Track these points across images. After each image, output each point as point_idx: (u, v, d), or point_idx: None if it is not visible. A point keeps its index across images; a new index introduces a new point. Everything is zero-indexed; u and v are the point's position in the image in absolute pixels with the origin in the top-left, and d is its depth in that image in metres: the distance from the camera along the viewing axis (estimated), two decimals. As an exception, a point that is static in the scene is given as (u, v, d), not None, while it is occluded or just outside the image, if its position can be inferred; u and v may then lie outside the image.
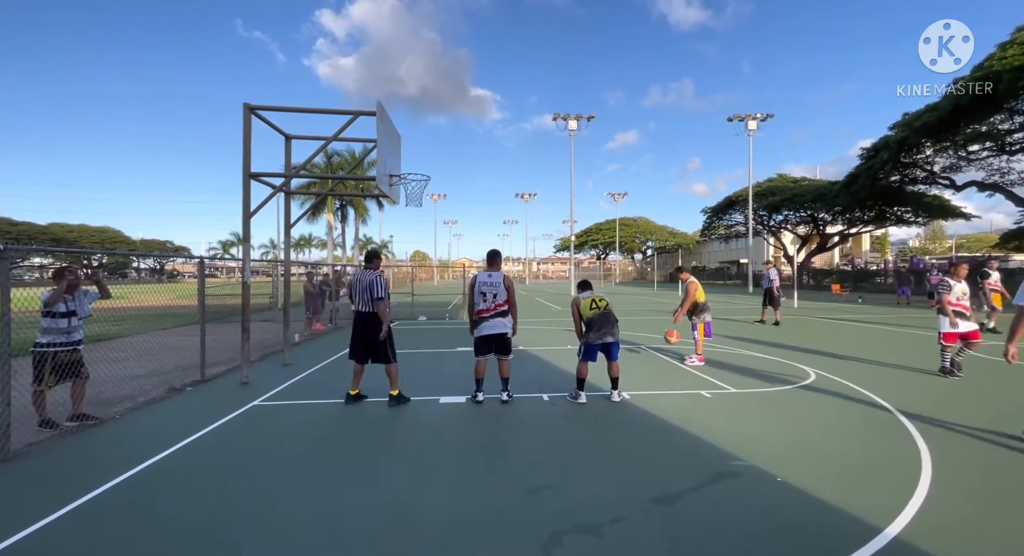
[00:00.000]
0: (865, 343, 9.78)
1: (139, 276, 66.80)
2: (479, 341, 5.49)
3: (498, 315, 5.42)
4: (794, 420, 4.82)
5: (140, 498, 3.24)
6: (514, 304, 5.57)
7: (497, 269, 5.58)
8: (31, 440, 4.27)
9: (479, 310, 5.44)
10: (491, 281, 5.44)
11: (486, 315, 5.42)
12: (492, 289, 5.42)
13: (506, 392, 5.51)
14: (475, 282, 5.51)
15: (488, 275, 5.49)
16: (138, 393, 5.93)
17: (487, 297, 5.42)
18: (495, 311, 5.41)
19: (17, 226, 60.62)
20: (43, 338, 4.60)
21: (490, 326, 5.40)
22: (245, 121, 6.75)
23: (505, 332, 5.44)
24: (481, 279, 5.48)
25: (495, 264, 5.62)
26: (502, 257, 5.82)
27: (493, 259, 5.67)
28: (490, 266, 5.63)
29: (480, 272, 5.64)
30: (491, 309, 5.42)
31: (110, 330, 7.07)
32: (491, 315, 5.42)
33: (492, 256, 5.68)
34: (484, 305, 5.42)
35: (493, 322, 5.41)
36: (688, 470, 3.61)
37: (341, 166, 31.69)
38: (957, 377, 6.54)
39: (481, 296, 5.43)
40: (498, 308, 5.40)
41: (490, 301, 5.41)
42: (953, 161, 27.59)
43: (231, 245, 62.20)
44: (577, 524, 2.84)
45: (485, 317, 5.43)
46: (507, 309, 5.44)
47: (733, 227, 51.91)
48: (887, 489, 3.26)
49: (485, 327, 5.42)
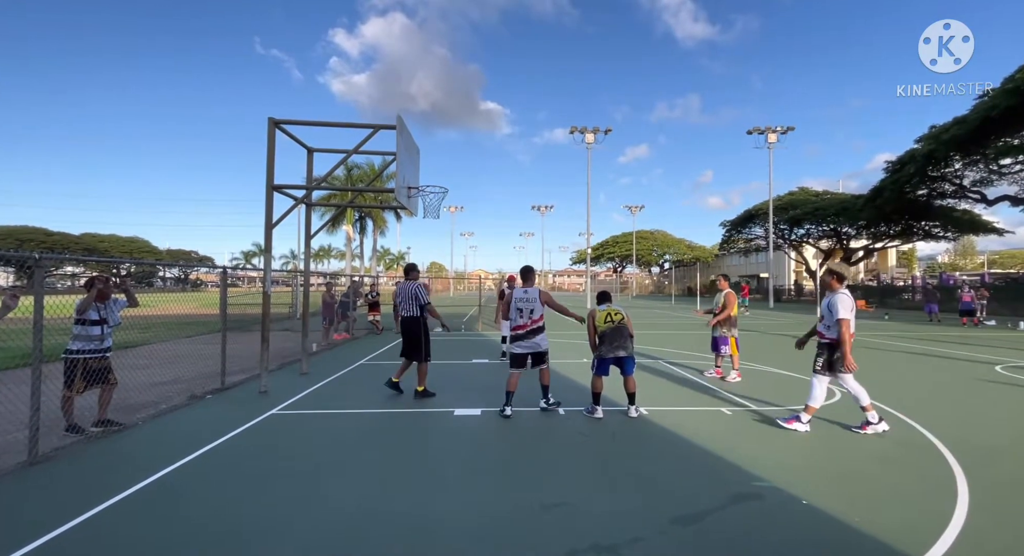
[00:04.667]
0: (892, 361, 9.46)
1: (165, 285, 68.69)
2: (515, 357, 5.57)
3: (535, 331, 5.51)
4: (819, 440, 4.66)
5: (160, 504, 3.28)
6: (561, 308, 5.81)
7: (531, 285, 5.72)
8: (58, 444, 4.37)
9: (515, 326, 5.55)
10: (527, 297, 5.56)
11: (522, 331, 5.52)
12: (528, 305, 5.52)
13: (545, 399, 5.60)
14: (511, 298, 5.63)
15: (524, 291, 5.61)
16: (161, 400, 6.04)
17: (523, 313, 5.52)
18: (531, 327, 5.51)
19: (52, 236, 63.15)
20: (74, 344, 4.74)
21: (528, 345, 5.50)
22: (269, 135, 6.94)
23: (539, 351, 5.53)
24: (517, 295, 5.59)
25: (529, 280, 5.77)
26: (535, 273, 5.97)
27: (527, 275, 5.82)
28: (525, 282, 5.77)
29: (517, 288, 5.74)
30: (527, 325, 5.52)
31: (136, 338, 7.26)
32: (527, 331, 5.51)
33: (526, 272, 5.84)
34: (521, 321, 5.52)
35: (530, 341, 5.50)
36: (709, 490, 3.51)
37: (361, 179, 32.32)
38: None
39: (518, 312, 5.54)
40: (534, 324, 5.51)
41: (526, 317, 5.51)
42: (984, 174, 26.80)
43: (253, 255, 63.71)
44: (594, 543, 2.77)
45: (521, 335, 5.52)
46: (543, 326, 5.55)
47: (753, 241, 51.07)
48: (921, 514, 3.11)
49: (523, 345, 5.51)
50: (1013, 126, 21.74)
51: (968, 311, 18.35)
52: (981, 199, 28.18)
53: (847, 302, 4.76)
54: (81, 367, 4.68)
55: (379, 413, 5.64)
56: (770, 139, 34.02)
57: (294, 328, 12.93)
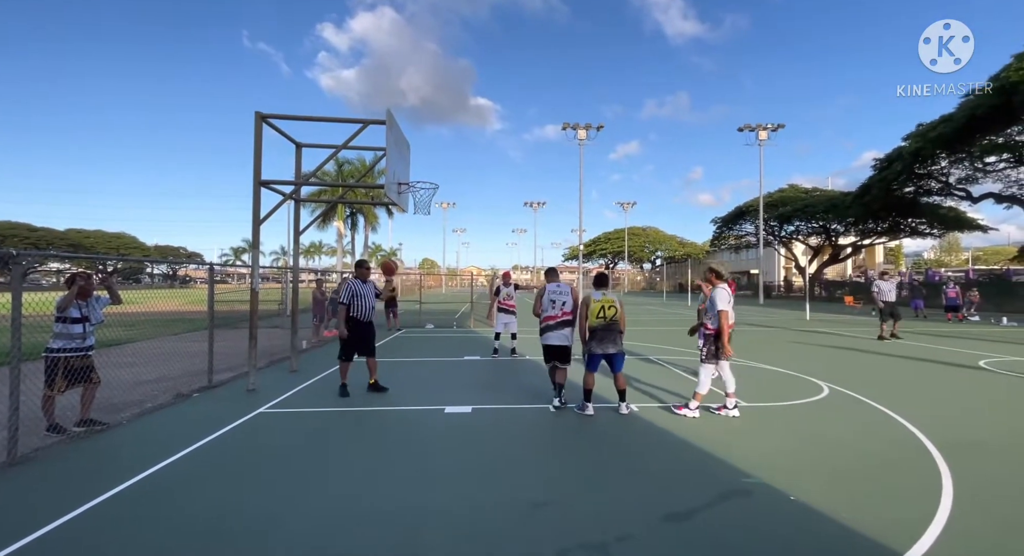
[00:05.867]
0: (879, 357, 9.57)
1: (152, 281, 67.79)
2: (547, 349, 5.76)
3: (564, 324, 5.65)
4: (807, 437, 4.70)
5: (145, 505, 3.22)
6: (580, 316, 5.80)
7: (559, 281, 5.94)
8: (39, 445, 4.28)
9: (546, 316, 5.71)
10: (560, 290, 5.76)
11: (552, 322, 5.66)
12: (561, 297, 5.70)
13: (558, 398, 5.68)
14: (544, 290, 5.86)
15: (557, 285, 5.83)
16: (146, 399, 5.95)
17: (556, 304, 5.68)
18: (561, 319, 5.64)
19: (36, 231, 62.00)
20: (55, 343, 4.63)
21: (556, 336, 5.65)
22: (256, 129, 6.83)
23: (568, 345, 5.67)
24: (551, 288, 5.80)
25: (556, 277, 6.02)
26: (558, 271, 6.25)
27: (552, 274, 6.10)
28: (554, 280, 5.97)
29: (549, 284, 5.93)
30: (558, 316, 5.65)
31: (121, 335, 7.12)
32: (557, 323, 5.64)
33: (550, 272, 6.16)
34: (552, 312, 5.68)
35: (559, 333, 5.65)
36: (698, 487, 3.52)
37: (351, 174, 32.05)
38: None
39: (551, 303, 5.71)
40: (564, 316, 5.65)
41: (558, 308, 5.66)
42: (969, 172, 27.22)
43: (242, 251, 62.98)
44: (583, 540, 2.77)
45: (552, 325, 5.66)
46: (572, 319, 5.66)
47: (743, 237, 51.49)
48: (907, 510, 3.14)
49: (552, 336, 5.67)
50: (998, 125, 22.07)
51: (953, 307, 18.64)
52: (966, 196, 28.64)
53: (724, 296, 5.34)
54: (63, 366, 4.58)
55: (369, 411, 5.60)
56: (761, 136, 34.23)
57: (283, 325, 12.81)
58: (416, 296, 20.57)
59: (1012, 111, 20.36)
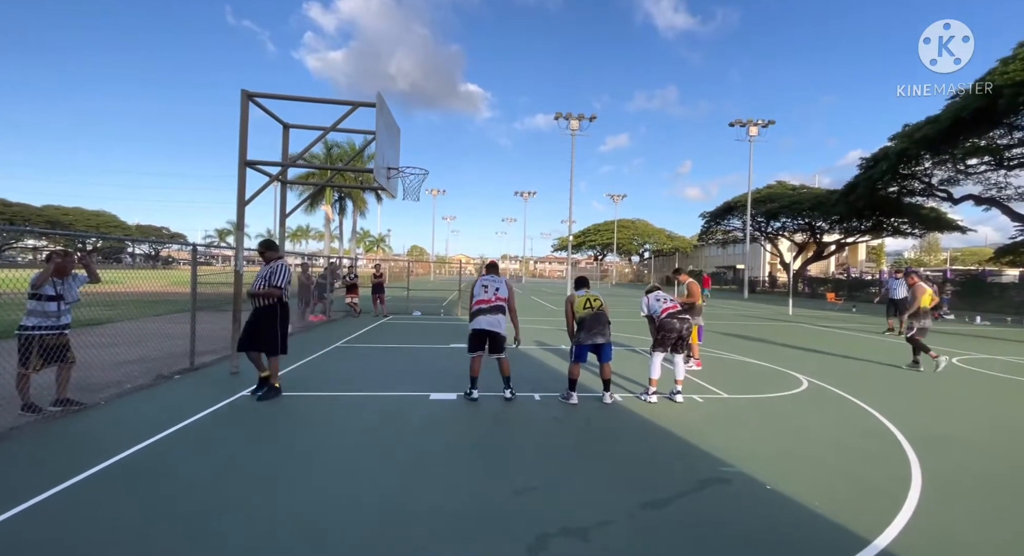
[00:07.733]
0: (858, 352, 9.80)
1: (133, 261, 66.36)
2: (473, 335, 5.47)
3: (496, 310, 5.44)
4: (785, 428, 4.81)
5: (120, 487, 3.18)
6: (514, 309, 5.72)
7: (498, 275, 5.85)
8: (12, 424, 4.19)
9: (478, 300, 5.49)
10: (493, 278, 5.69)
11: (484, 306, 5.43)
12: (495, 283, 5.60)
13: (509, 389, 5.54)
14: (477, 280, 5.77)
15: (491, 277, 5.73)
16: (125, 379, 5.85)
17: (488, 289, 5.53)
18: (494, 303, 5.44)
19: (11, 207, 60.06)
20: (29, 320, 4.52)
21: (486, 322, 5.39)
22: (243, 107, 6.67)
23: (499, 331, 5.42)
24: (483, 278, 5.72)
25: (495, 271, 5.92)
26: (499, 268, 6.23)
27: (493, 268, 6.01)
28: (492, 273, 5.86)
29: (483, 276, 5.84)
30: (491, 301, 5.46)
31: (102, 315, 6.97)
32: (489, 307, 5.43)
33: (491, 266, 6.08)
34: (484, 296, 5.49)
35: (490, 318, 5.40)
36: (678, 475, 3.59)
37: (341, 158, 31.55)
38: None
39: (483, 288, 5.55)
40: (498, 300, 5.47)
41: (491, 293, 5.51)
42: (951, 174, 27.69)
43: (227, 233, 61.80)
44: (563, 527, 2.81)
45: (484, 309, 5.43)
46: (505, 306, 5.52)
47: (731, 232, 51.99)
48: (877, 499, 3.24)
49: (482, 321, 5.40)
50: (981, 128, 22.44)
51: (931, 306, 19.07)
52: (947, 197, 29.18)
53: (652, 299, 6.03)
54: (37, 344, 4.47)
55: (353, 396, 5.58)
56: (751, 132, 34.38)
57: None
58: (404, 282, 20.47)
59: (995, 115, 20.73)
